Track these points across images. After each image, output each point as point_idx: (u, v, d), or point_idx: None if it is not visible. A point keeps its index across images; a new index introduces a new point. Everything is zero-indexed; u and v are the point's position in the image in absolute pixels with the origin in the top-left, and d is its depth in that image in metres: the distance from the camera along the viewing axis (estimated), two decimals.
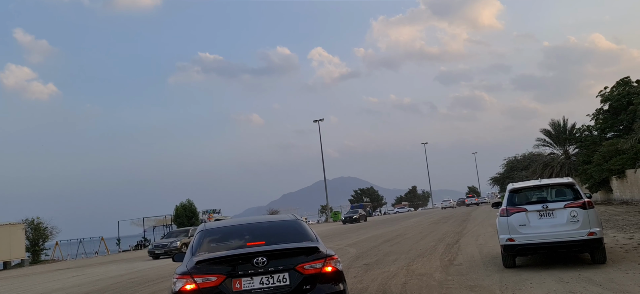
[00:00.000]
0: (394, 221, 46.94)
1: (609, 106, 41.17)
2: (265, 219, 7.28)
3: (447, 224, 30.80)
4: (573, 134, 45.93)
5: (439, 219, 39.37)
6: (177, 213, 56.36)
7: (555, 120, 46.99)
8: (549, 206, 9.55)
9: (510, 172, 76.77)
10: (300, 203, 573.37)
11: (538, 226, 9.54)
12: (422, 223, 35.02)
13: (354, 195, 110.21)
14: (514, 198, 10.12)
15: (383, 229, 31.68)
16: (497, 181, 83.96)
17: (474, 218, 34.26)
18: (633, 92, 39.22)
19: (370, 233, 29.64)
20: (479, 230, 22.20)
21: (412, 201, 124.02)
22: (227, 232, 6.63)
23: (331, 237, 29.93)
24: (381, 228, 35.07)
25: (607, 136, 42.25)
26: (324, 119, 76.04)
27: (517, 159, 78.18)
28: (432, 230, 26.05)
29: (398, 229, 30.23)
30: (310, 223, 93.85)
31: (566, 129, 46.33)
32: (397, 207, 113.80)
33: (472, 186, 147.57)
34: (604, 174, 35.79)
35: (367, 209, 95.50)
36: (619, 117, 39.38)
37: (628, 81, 41.39)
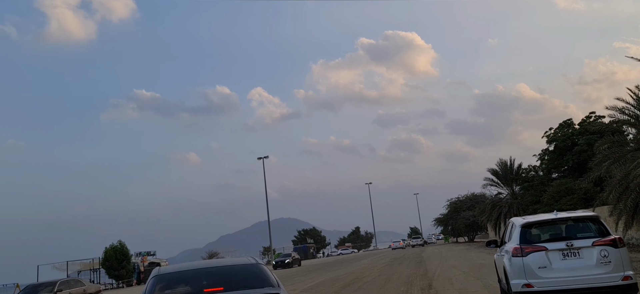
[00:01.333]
0: (341, 263, 44.75)
1: (554, 146, 41.78)
2: (223, 263, 6.69)
3: (403, 265, 29.05)
4: (520, 174, 46.19)
5: (390, 260, 37.65)
6: (106, 256, 51.50)
7: (502, 160, 47.23)
8: (574, 244, 7.83)
9: (453, 213, 77.09)
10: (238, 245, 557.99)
11: (562, 268, 7.79)
12: (375, 265, 33.11)
13: (298, 236, 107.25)
14: (527, 234, 8.35)
15: (336, 272, 29.42)
16: (441, 222, 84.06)
17: (428, 259, 32.79)
18: (576, 134, 40.00)
19: (324, 276, 27.30)
20: (446, 273, 20.49)
21: (356, 242, 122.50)
22: (183, 277, 6.02)
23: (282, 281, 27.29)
24: (332, 270, 32.80)
25: (553, 176, 42.76)
26: (268, 157, 73.56)
27: (460, 200, 78.72)
28: (392, 272, 24.14)
29: (352, 272, 28.11)
30: None
31: (513, 169, 46.57)
32: (341, 248, 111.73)
33: (414, 226, 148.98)
34: None
35: (311, 250, 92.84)
36: (565, 157, 39.90)
37: (570, 123, 42.35)
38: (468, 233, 76.86)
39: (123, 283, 51.35)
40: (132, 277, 53.37)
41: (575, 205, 33.09)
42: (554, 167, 41.41)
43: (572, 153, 38.98)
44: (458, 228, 75.08)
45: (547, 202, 36.48)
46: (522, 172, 46.11)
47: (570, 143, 40.28)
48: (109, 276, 52.82)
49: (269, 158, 74.33)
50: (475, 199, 75.20)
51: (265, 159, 72.93)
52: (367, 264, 36.20)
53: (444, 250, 46.88)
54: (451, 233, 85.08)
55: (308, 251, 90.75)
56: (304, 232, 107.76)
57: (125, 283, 51.48)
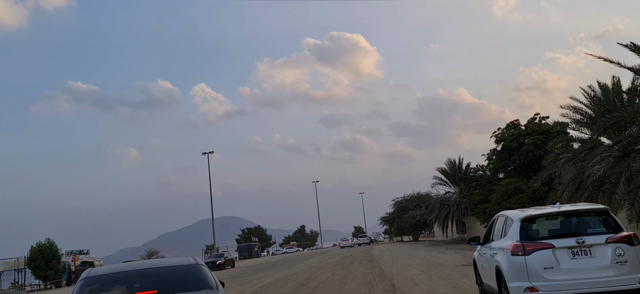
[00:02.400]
0: (288, 262, 43.23)
1: (502, 146, 42.19)
2: (159, 264, 6.35)
3: (355, 264, 27.92)
4: (468, 174, 46.45)
5: (340, 259, 36.53)
6: (32, 255, 47.29)
7: (451, 159, 47.40)
8: (585, 241, 6.73)
9: (399, 212, 77.42)
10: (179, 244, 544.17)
11: (571, 269, 6.68)
12: (325, 264, 31.84)
13: (242, 234, 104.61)
14: (529, 230, 7.19)
15: (285, 272, 27.87)
16: (386, 221, 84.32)
17: (379, 258, 31.89)
18: (523, 134, 40.53)
19: (273, 275, 25.69)
20: (404, 272, 19.44)
21: (301, 241, 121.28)
22: (114, 279, 5.72)
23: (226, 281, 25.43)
24: (280, 269, 31.22)
25: (499, 176, 43.23)
26: (213, 152, 70.85)
27: (406, 199, 79.19)
28: (345, 272, 22.89)
29: (303, 271, 26.66)
30: None
31: (461, 168, 46.79)
32: (286, 247, 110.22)
33: (358, 225, 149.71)
34: None
35: (256, 249, 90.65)
36: (512, 157, 40.32)
37: (517, 124, 42.93)
38: (413, 231, 77.46)
39: (51, 284, 47.37)
40: (62, 277, 49.43)
41: (524, 204, 33.22)
42: (502, 167, 41.81)
43: (520, 153, 39.42)
44: (403, 226, 75.43)
45: (496, 201, 36.59)
46: (470, 171, 46.41)
47: (517, 144, 40.80)
48: (35, 277, 48.61)
49: (213, 155, 71.58)
50: (421, 198, 75.85)
51: (210, 154, 70.16)
52: (316, 263, 34.89)
53: (392, 249, 46.40)
54: (396, 231, 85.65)
55: (252, 249, 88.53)
56: (249, 230, 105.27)
57: (53, 283, 47.50)
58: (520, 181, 36.44)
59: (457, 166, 46.92)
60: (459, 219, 46.33)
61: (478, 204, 40.85)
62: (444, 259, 24.72)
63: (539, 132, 38.86)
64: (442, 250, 34.20)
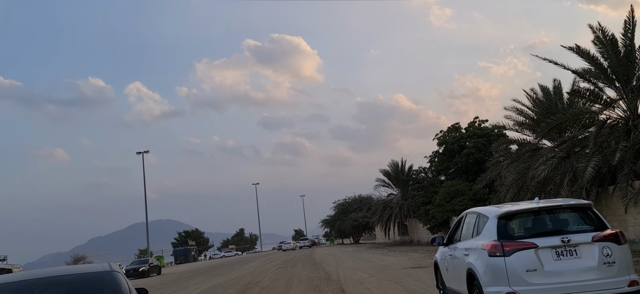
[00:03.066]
0: (227, 266, 41.49)
1: (444, 149, 42.60)
2: (69, 271, 5.37)
3: (298, 268, 26.81)
4: (410, 176, 46.61)
5: (282, 262, 35.31)
6: None
7: (394, 161, 47.40)
8: (571, 240, 5.98)
9: (340, 214, 77.17)
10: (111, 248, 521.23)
11: (557, 271, 5.90)
12: (267, 268, 30.52)
13: (178, 238, 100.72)
14: (507, 228, 6.38)
15: (224, 277, 26.31)
16: (327, 223, 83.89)
17: (323, 261, 30.97)
18: (465, 137, 41.10)
19: (211, 281, 24.08)
20: (351, 276, 18.55)
21: (240, 244, 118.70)
22: (15, 290, 4.84)
23: (159, 288, 23.57)
24: (219, 274, 29.58)
25: (441, 178, 43.65)
26: (149, 151, 67.38)
27: (347, 202, 79.10)
28: (289, 276, 21.73)
29: (243, 276, 25.23)
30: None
31: (404, 170, 46.88)
32: (224, 251, 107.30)
33: (298, 228, 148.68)
34: (445, 215, 35.91)
35: (193, 253, 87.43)
36: (454, 159, 40.75)
37: (458, 126, 43.56)
38: (354, 234, 77.44)
39: None
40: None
41: (466, 205, 33.46)
42: (444, 169, 42.18)
43: (461, 156, 39.87)
44: (345, 229, 75.20)
45: (439, 203, 36.73)
46: (413, 173, 46.60)
47: (459, 146, 41.31)
48: None
49: (148, 156, 68.07)
50: (362, 201, 75.99)
51: (145, 154, 66.66)
52: (257, 266, 33.48)
53: (334, 251, 45.72)
54: (337, 234, 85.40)
55: (189, 253, 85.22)
56: (186, 234, 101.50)
57: None
58: (462, 183, 36.77)
59: (400, 168, 46.99)
60: (401, 222, 46.37)
61: (421, 206, 40.95)
62: (390, 261, 24.13)
63: (480, 135, 39.49)
64: (386, 252, 33.79)
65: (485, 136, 39.34)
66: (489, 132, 39.77)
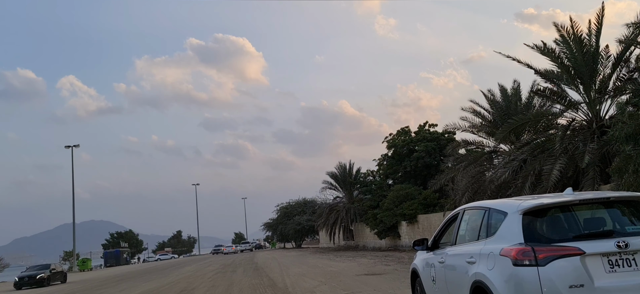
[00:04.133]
0: (161, 270, 38.38)
1: (393, 152, 41.61)
2: None
3: (239, 273, 24.55)
4: (358, 179, 45.31)
5: (221, 267, 32.82)
6: None
7: (341, 163, 46.03)
8: (629, 244, 4.33)
9: (283, 218, 75.10)
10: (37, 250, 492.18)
11: (611, 287, 4.22)
12: (204, 272, 27.99)
13: (110, 239, 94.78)
14: (536, 228, 4.66)
15: (155, 282, 23.60)
16: (270, 227, 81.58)
17: (265, 265, 28.82)
18: (415, 141, 40.26)
19: (139, 288, 21.35)
20: (300, 283, 16.60)
21: (177, 247, 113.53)
22: None
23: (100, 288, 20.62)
24: (150, 279, 26.76)
25: (389, 182, 42.62)
26: (79, 145, 62.34)
27: (291, 205, 77.16)
28: (229, 283, 19.49)
29: (177, 282, 22.67)
30: None
31: (352, 173, 45.53)
32: (160, 253, 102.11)
33: (239, 232, 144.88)
34: (394, 219, 34.73)
35: (125, 255, 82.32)
36: (403, 163, 39.78)
37: (408, 130, 42.74)
38: (296, 238, 75.54)
39: None
40: None
41: (416, 210, 32.42)
42: (392, 172, 41.16)
43: (411, 159, 38.98)
44: (287, 233, 73.14)
45: (387, 206, 35.54)
46: (361, 176, 45.35)
47: (408, 150, 40.46)
48: None
49: (79, 149, 63.05)
50: (306, 204, 74.27)
51: (75, 148, 61.64)
52: (193, 271, 30.81)
53: (276, 256, 43.57)
54: (279, 238, 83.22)
55: (121, 256, 80.00)
56: (118, 235, 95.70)
57: None
58: (412, 187, 35.78)
59: (348, 171, 45.62)
60: (346, 226, 44.95)
61: (368, 209, 39.69)
62: (340, 267, 22.38)
63: (430, 139, 38.75)
64: (332, 257, 32.09)
65: (436, 140, 38.68)
66: (439, 137, 39.17)
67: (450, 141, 38.74)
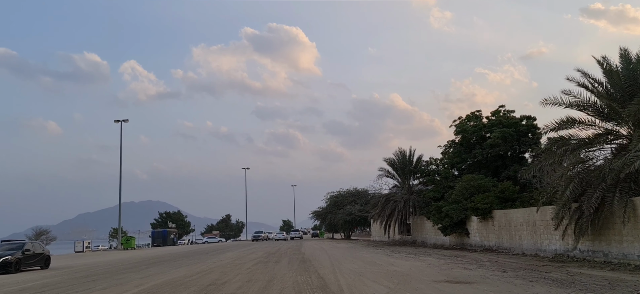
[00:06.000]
0: (202, 253, 35.53)
1: (461, 138, 36.73)
2: None
3: (282, 265, 20.87)
4: (419, 167, 40.67)
5: (264, 255, 29.39)
6: None
7: (401, 149, 41.39)
8: None
9: (333, 207, 71.35)
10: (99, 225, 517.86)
11: None
12: (244, 261, 24.55)
13: (159, 219, 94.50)
14: None
15: (184, 271, 20.29)
16: (319, 216, 78.10)
17: (314, 258, 25.04)
18: (487, 126, 35.20)
19: (162, 276, 18.03)
20: (359, 286, 12.61)
21: (225, 231, 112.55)
22: None
23: (94, 280, 17.49)
24: (183, 265, 23.60)
25: (454, 173, 37.79)
26: (128, 120, 61.06)
27: (341, 194, 73.28)
28: (269, 276, 15.79)
29: (211, 270, 19.25)
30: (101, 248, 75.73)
31: (412, 160, 40.95)
32: (207, 236, 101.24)
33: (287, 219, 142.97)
34: (463, 214, 30.05)
35: (172, 236, 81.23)
36: (474, 151, 34.86)
37: (479, 114, 37.62)
38: (346, 229, 71.64)
39: None
40: None
41: (491, 204, 27.61)
42: (459, 161, 36.30)
43: (482, 147, 34.03)
44: (337, 223, 69.30)
45: (456, 199, 30.88)
46: (422, 165, 40.69)
47: (479, 137, 35.50)
48: None
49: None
50: (358, 194, 70.24)
51: (124, 122, 60.41)
52: (232, 258, 27.49)
53: (325, 247, 39.80)
54: (328, 228, 79.74)
55: (168, 236, 78.91)
56: (166, 215, 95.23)
57: None
58: (484, 178, 30.93)
59: (408, 158, 41.06)
60: (403, 219, 40.49)
61: (432, 201, 35.10)
62: (405, 268, 18.19)
63: (507, 125, 33.60)
64: (389, 253, 27.89)
65: (514, 126, 33.51)
66: (517, 122, 33.98)
67: (532, 129, 33.59)
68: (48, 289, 15.13)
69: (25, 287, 16.04)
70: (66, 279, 18.22)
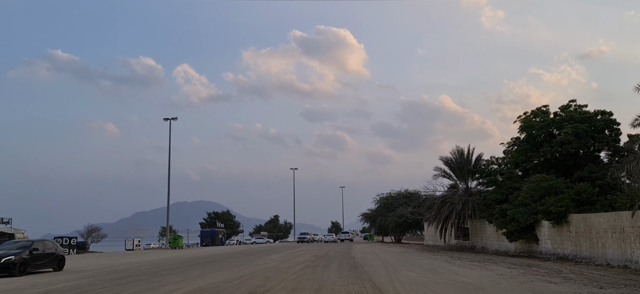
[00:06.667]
0: (248, 255, 34.19)
1: (526, 136, 33.57)
2: None
3: (332, 270, 18.91)
4: (478, 167, 37.70)
5: (312, 258, 27.57)
6: None
7: (459, 147, 38.50)
8: None
9: (383, 209, 68.82)
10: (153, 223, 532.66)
11: None
12: (290, 264, 22.79)
13: (208, 218, 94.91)
14: None
15: (225, 274, 18.71)
16: (368, 218, 75.72)
17: (365, 263, 22.95)
18: (557, 122, 31.94)
19: (198, 281, 16.47)
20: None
21: (273, 231, 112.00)
22: None
23: (118, 284, 16.15)
24: (223, 268, 22.10)
25: (518, 173, 34.62)
26: (177, 118, 61.12)
27: (392, 196, 70.63)
28: (318, 284, 13.88)
29: (254, 274, 17.56)
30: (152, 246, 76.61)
31: (470, 159, 38.01)
32: (255, 236, 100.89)
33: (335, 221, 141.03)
34: (532, 218, 27.06)
35: (220, 236, 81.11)
36: (542, 149, 31.67)
37: (546, 110, 34.30)
38: (396, 232, 68.92)
39: None
40: None
41: (566, 207, 24.55)
42: (524, 160, 33.14)
43: (551, 145, 30.83)
44: (387, 225, 66.71)
45: (523, 201, 27.89)
46: (482, 164, 37.68)
47: (547, 134, 32.29)
48: None
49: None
50: (409, 196, 67.45)
51: (174, 120, 60.49)
52: (278, 261, 25.80)
53: (376, 250, 37.57)
54: (377, 230, 77.23)
55: (216, 236, 78.84)
56: (215, 215, 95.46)
57: None
58: (556, 179, 27.80)
59: (466, 157, 38.15)
60: (460, 223, 37.63)
61: (494, 204, 32.17)
62: (474, 278, 15.81)
63: (580, 120, 30.27)
64: (449, 260, 25.37)
65: (588, 121, 30.16)
66: (591, 117, 30.59)
67: (609, 124, 30.14)
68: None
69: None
70: (79, 284, 16.38)
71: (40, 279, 18.55)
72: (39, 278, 19.18)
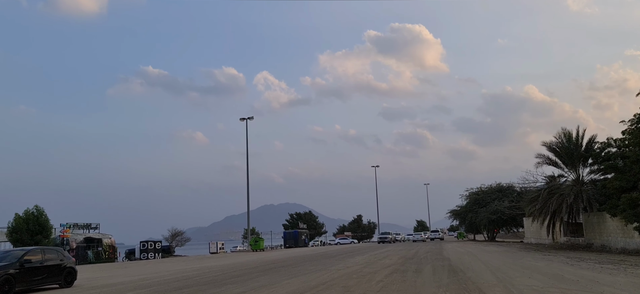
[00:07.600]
0: (330, 257, 31.48)
1: None
2: None
3: (425, 277, 15.49)
4: (592, 151, 32.20)
5: (399, 260, 24.20)
6: (16, 225, 38.41)
7: (566, 129, 33.15)
8: None
9: (474, 205, 63.51)
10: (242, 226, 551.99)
11: None
12: (374, 269, 19.60)
13: (290, 220, 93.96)
14: None
15: (297, 283, 15.90)
16: (457, 215, 70.57)
17: (466, 267, 19.21)
18: None
19: (273, 289, 13.76)
20: None
21: (356, 231, 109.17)
22: None
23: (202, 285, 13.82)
24: (297, 275, 19.38)
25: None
26: (253, 118, 60.21)
27: (483, 191, 65.05)
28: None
29: (330, 285, 14.55)
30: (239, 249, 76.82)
31: (581, 143, 32.57)
32: (339, 237, 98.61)
33: (421, 219, 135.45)
34: None
35: (303, 237, 79.56)
36: None
37: None
38: (490, 229, 63.22)
39: None
40: None
41: None
42: None
43: None
44: (479, 222, 61.32)
45: None
46: (598, 147, 32.13)
47: None
48: None
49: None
50: (502, 190, 61.64)
51: (250, 120, 59.62)
52: (362, 264, 22.72)
53: (472, 250, 33.28)
54: (468, 228, 71.76)
55: (299, 237, 77.37)
56: (297, 216, 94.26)
57: None
58: None
59: (575, 140, 32.75)
60: (571, 216, 32.30)
61: (618, 193, 26.85)
62: (622, 287, 11.73)
63: None
64: (568, 261, 20.89)
65: None
66: None
67: None
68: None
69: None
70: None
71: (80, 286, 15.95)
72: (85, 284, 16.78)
